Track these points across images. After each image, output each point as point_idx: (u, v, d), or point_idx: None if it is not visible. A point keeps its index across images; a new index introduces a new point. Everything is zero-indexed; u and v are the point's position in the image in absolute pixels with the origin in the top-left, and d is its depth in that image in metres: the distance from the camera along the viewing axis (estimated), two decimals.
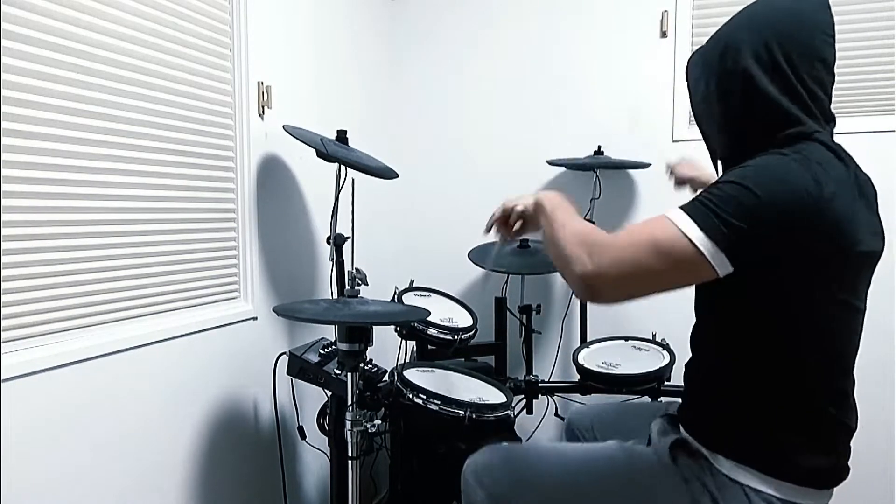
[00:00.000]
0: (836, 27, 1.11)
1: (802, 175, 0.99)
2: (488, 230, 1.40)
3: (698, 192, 1.05)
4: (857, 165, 1.10)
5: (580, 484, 1.24)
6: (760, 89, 1.08)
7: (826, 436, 1.10)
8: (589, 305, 2.30)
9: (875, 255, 1.10)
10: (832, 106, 1.13)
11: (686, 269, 1.00)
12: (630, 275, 1.01)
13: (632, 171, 2.45)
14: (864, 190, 1.09)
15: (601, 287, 1.03)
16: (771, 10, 1.12)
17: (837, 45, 1.12)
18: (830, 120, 1.12)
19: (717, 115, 1.17)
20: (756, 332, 1.08)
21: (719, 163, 1.22)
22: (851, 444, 1.15)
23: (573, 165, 2.29)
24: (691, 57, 1.24)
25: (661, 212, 1.04)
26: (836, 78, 1.13)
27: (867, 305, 1.14)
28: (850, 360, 1.12)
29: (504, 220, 1.37)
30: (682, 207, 1.02)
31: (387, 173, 1.95)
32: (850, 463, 1.14)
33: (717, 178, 1.06)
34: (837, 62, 1.12)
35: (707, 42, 1.20)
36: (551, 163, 2.36)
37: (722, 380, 1.15)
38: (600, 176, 2.36)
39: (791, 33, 1.08)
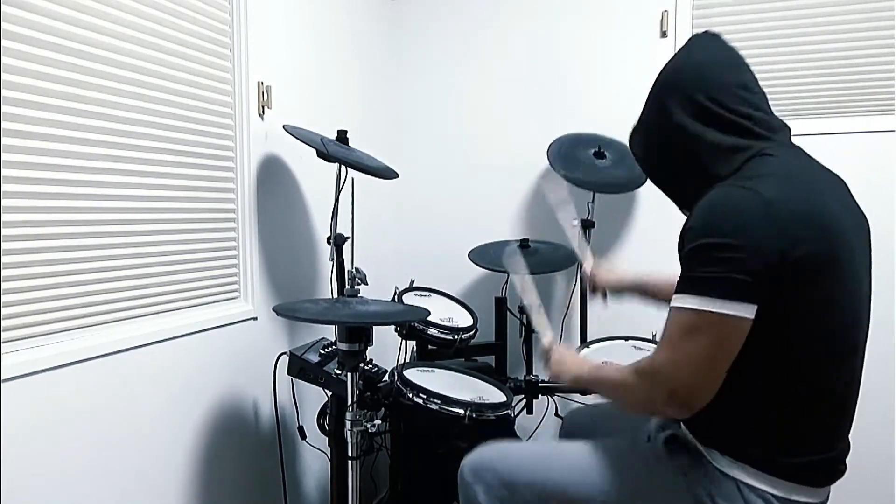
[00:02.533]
0: (836, 27, 1.12)
1: (742, 196, 1.04)
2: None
3: (682, 264, 1.09)
4: (818, 163, 1.17)
5: (578, 480, 1.25)
6: (698, 136, 1.15)
7: (820, 433, 1.10)
8: (589, 305, 2.30)
9: (860, 241, 1.13)
10: (833, 106, 1.14)
11: (725, 334, 1.03)
12: (693, 371, 1.05)
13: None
14: (834, 180, 1.15)
15: (683, 398, 1.06)
16: (682, 69, 1.21)
17: (837, 45, 1.13)
18: (779, 129, 1.17)
19: (669, 174, 1.25)
20: (757, 335, 1.07)
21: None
22: (851, 443, 1.16)
23: (571, 179, 2.27)
24: (631, 136, 1.31)
25: (660, 215, 1.04)
26: (836, 78, 1.14)
27: (871, 297, 1.14)
28: (847, 356, 1.12)
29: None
30: (678, 292, 1.06)
31: (387, 173, 1.95)
32: (849, 463, 1.14)
33: (684, 244, 1.10)
34: (836, 62, 1.13)
35: (638, 119, 1.29)
36: (553, 167, 2.35)
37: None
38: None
39: (706, 78, 1.16)
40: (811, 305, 1.05)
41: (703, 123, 1.14)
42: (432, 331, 1.99)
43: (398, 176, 2.02)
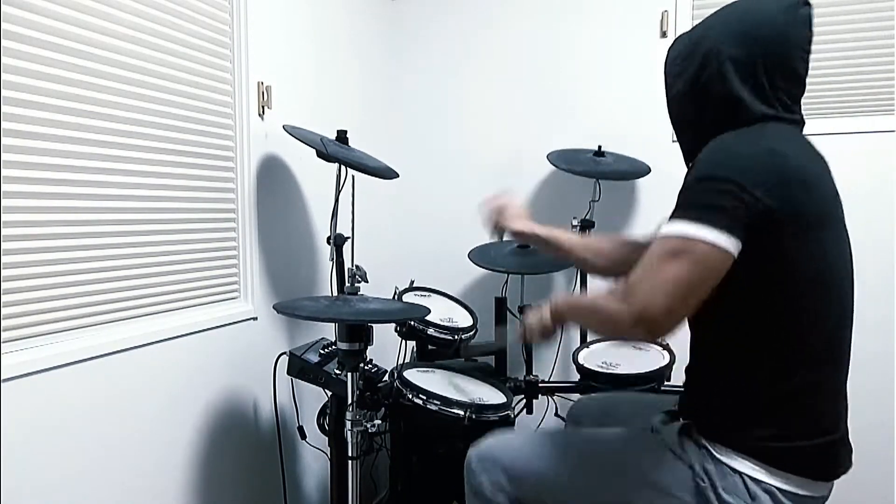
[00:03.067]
0: (836, 27, 1.13)
1: (745, 142, 1.07)
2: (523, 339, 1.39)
3: (678, 197, 1.09)
4: (813, 145, 1.17)
5: (586, 470, 1.25)
6: (738, 96, 1.14)
7: (825, 427, 1.11)
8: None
9: (839, 217, 1.15)
10: (833, 106, 1.15)
11: (707, 263, 1.03)
12: (669, 293, 1.03)
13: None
14: (822, 160, 1.16)
15: (653, 318, 1.04)
16: (756, 19, 1.15)
17: (837, 45, 1.14)
18: (796, 123, 1.17)
19: (691, 116, 1.22)
20: (748, 321, 1.10)
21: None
22: (852, 442, 1.16)
23: (574, 171, 2.28)
24: (670, 52, 1.27)
25: (661, 213, 1.05)
26: (836, 78, 1.14)
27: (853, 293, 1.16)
28: (841, 350, 1.13)
29: (539, 334, 1.36)
30: (670, 219, 1.06)
31: (387, 173, 1.95)
32: (852, 458, 1.15)
33: (687, 177, 1.10)
34: (836, 62, 1.13)
35: (689, 40, 1.23)
36: (553, 163, 2.36)
37: (718, 371, 1.16)
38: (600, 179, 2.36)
39: (773, 48, 1.13)
40: (805, 263, 1.06)
41: (745, 85, 1.13)
42: (432, 331, 1.99)
43: (398, 176, 2.02)
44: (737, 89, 1.14)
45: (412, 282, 2.24)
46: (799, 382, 1.09)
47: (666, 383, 1.93)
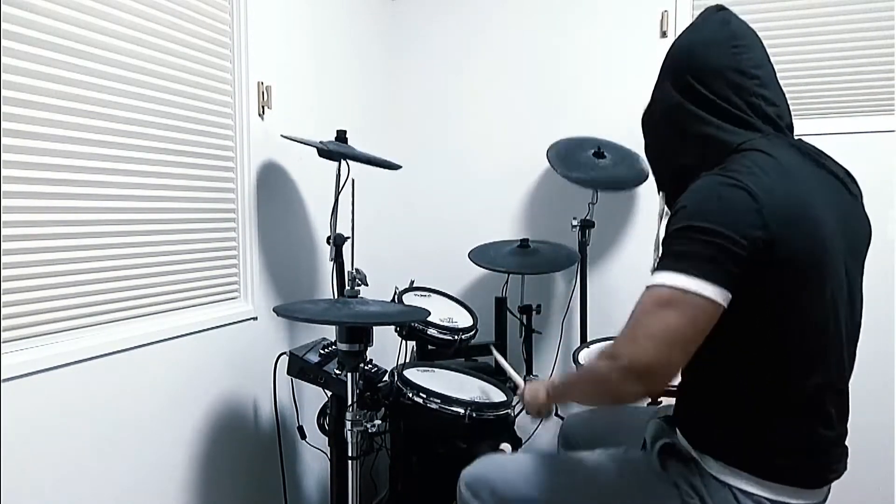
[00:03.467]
0: (836, 27, 1.12)
1: (727, 187, 1.03)
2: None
3: (663, 246, 1.07)
4: (817, 158, 1.15)
5: (577, 497, 1.25)
6: (693, 115, 1.15)
7: (810, 435, 1.09)
8: (589, 305, 2.30)
9: (850, 237, 1.11)
10: (833, 106, 1.14)
11: (695, 314, 1.01)
12: (656, 344, 1.01)
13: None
14: (829, 177, 1.14)
15: (644, 368, 1.02)
16: (679, 48, 1.22)
17: (837, 45, 1.13)
18: (776, 119, 1.15)
19: (668, 153, 1.24)
20: (741, 333, 1.08)
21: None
22: (851, 444, 1.15)
23: (571, 179, 2.27)
24: (643, 115, 1.32)
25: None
26: (836, 78, 1.14)
27: (863, 304, 1.13)
28: (837, 359, 1.11)
29: (536, 413, 1.39)
30: (657, 270, 1.05)
31: (389, 164, 1.95)
32: (849, 463, 1.14)
33: (671, 223, 1.08)
34: (836, 62, 1.13)
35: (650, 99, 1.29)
36: (553, 166, 2.36)
37: (709, 380, 1.15)
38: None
39: (696, 58, 1.16)
40: (790, 303, 1.05)
41: (693, 104, 1.15)
42: (432, 331, 1.99)
43: (401, 167, 2.02)
44: (698, 117, 1.14)
45: (412, 282, 2.24)
46: (791, 394, 1.08)
47: None
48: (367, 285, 1.63)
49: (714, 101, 1.13)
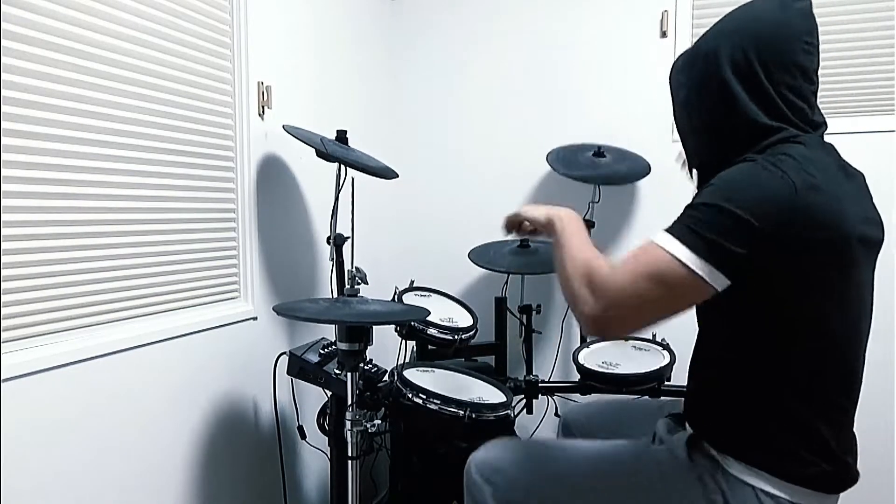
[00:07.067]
0: (836, 27, 1.12)
1: (770, 177, 1.00)
2: (506, 230, 1.40)
3: (682, 212, 1.05)
4: (843, 160, 1.13)
5: (594, 484, 1.23)
6: (736, 98, 1.09)
7: (832, 439, 1.08)
8: None
9: (871, 243, 1.10)
10: (833, 106, 1.13)
11: (687, 293, 1.02)
12: (635, 307, 1.02)
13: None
14: (854, 180, 1.12)
15: (608, 324, 1.04)
16: (751, 18, 1.12)
17: (837, 45, 1.12)
18: (815, 127, 1.12)
19: (695, 122, 1.19)
20: (758, 336, 1.08)
21: (694, 171, 1.24)
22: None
23: (572, 177, 2.27)
24: (675, 63, 1.25)
25: (661, 212, 1.04)
26: (836, 78, 1.13)
27: (873, 307, 1.13)
28: (855, 362, 1.11)
29: (517, 222, 1.37)
30: (670, 232, 1.03)
31: (387, 173, 1.95)
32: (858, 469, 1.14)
33: (694, 196, 1.07)
34: (837, 62, 1.13)
35: (691, 48, 1.21)
36: (552, 166, 2.36)
37: (727, 382, 1.14)
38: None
39: (768, 41, 1.08)
40: (818, 309, 1.04)
41: (745, 89, 1.08)
42: (432, 331, 1.99)
43: (398, 176, 2.02)
44: (742, 102, 1.09)
45: (412, 282, 2.24)
46: (805, 409, 1.07)
47: (666, 383, 1.93)
48: (367, 283, 1.63)
49: (768, 92, 1.07)
